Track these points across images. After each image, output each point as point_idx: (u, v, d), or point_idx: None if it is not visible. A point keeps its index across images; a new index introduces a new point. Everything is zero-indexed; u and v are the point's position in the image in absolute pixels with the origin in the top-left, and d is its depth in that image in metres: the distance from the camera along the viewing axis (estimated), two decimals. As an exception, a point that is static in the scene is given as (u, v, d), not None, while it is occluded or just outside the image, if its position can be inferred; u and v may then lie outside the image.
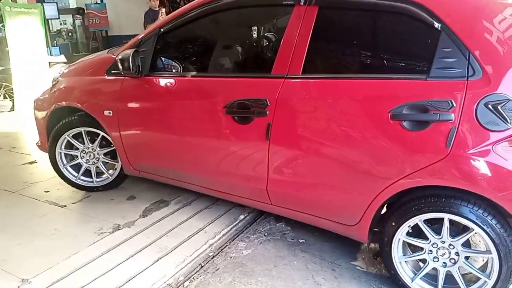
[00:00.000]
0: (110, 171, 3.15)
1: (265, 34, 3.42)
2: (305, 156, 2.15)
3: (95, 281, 2.11)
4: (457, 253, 1.87)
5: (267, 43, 3.38)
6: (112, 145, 2.96)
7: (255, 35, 3.36)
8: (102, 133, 2.95)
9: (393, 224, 1.96)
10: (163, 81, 2.60)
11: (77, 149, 3.11)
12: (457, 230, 1.87)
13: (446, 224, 1.83)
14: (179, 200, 3.05)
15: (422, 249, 1.96)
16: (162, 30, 2.58)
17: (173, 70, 2.66)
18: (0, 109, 6.72)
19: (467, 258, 1.88)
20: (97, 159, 3.10)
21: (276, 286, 2.14)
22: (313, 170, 2.14)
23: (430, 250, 1.93)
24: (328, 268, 2.30)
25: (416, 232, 1.96)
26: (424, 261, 1.98)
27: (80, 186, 3.22)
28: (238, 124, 2.25)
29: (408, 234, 1.97)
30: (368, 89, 1.94)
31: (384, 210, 2.08)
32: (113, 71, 2.75)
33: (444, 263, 1.91)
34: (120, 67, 2.55)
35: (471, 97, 1.68)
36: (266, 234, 2.67)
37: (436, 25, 1.77)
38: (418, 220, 1.89)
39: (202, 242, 2.52)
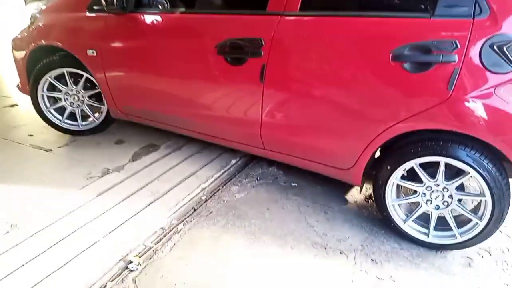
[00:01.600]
0: (96, 115, 3.05)
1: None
2: (300, 99, 2.08)
3: (85, 225, 2.09)
4: (450, 196, 1.89)
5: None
6: (97, 87, 2.84)
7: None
8: (86, 75, 2.82)
9: (388, 167, 1.95)
10: (149, 18, 2.43)
11: (60, 91, 2.98)
12: (451, 173, 1.88)
13: (442, 167, 1.83)
14: (169, 145, 3.00)
15: (415, 192, 1.98)
16: None
17: (159, 6, 2.49)
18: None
19: (459, 200, 1.90)
20: (82, 101, 2.98)
21: (269, 228, 2.16)
22: (308, 114, 2.08)
23: (424, 193, 1.94)
24: (321, 211, 2.32)
25: (410, 175, 1.96)
26: (417, 204, 2.01)
27: (65, 130, 3.12)
28: (230, 66, 2.15)
29: (402, 177, 1.97)
30: (369, 28, 1.84)
31: (378, 153, 2.07)
32: (95, 7, 2.57)
33: (437, 205, 1.93)
34: (103, 2, 2.38)
35: (477, 38, 1.61)
36: (258, 178, 2.66)
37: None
38: (414, 163, 1.88)
39: (194, 186, 2.50)
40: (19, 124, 3.40)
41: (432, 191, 1.92)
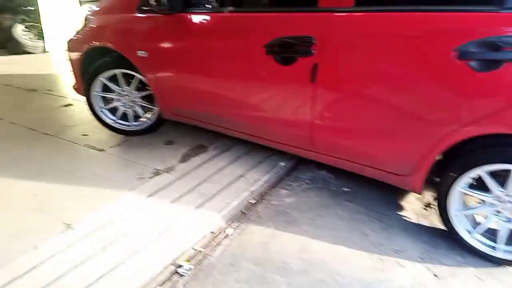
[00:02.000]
0: (148, 115, 3.07)
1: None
2: (355, 100, 1.97)
3: (135, 228, 2.09)
4: (522, 208, 1.72)
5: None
6: (148, 88, 2.86)
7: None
8: (138, 76, 2.84)
9: (453, 174, 1.81)
10: (198, 18, 2.41)
11: (113, 91, 3.03)
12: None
13: (514, 176, 1.67)
14: (217, 146, 2.98)
15: (483, 202, 1.82)
16: None
17: (208, 6, 2.46)
18: (33, 50, 6.71)
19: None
20: (134, 102, 3.02)
21: (321, 236, 2.07)
22: (362, 115, 1.98)
23: (492, 204, 1.79)
24: (375, 218, 2.21)
25: (479, 184, 1.80)
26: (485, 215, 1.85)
27: (118, 130, 3.18)
28: (280, 65, 2.09)
29: (470, 186, 1.82)
30: (430, 24, 1.71)
31: (442, 159, 1.92)
32: (144, 8, 2.58)
33: (508, 218, 1.77)
34: (153, 2, 2.38)
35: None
36: (308, 182, 2.58)
37: None
38: (482, 171, 1.73)
39: (242, 188, 2.46)
40: (74, 124, 3.51)
41: (502, 202, 1.76)
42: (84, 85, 3.08)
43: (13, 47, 6.74)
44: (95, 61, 2.94)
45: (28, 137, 3.26)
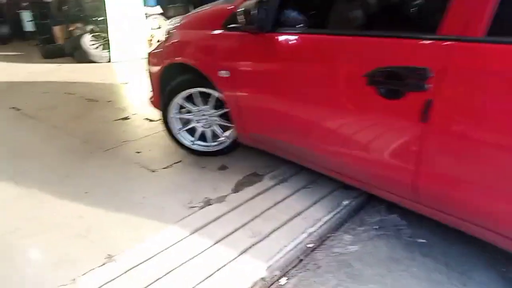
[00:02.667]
0: (227, 133, 2.92)
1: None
2: (477, 147, 1.60)
3: (181, 266, 1.90)
4: None
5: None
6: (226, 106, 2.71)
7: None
8: (217, 94, 2.68)
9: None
10: (289, 39, 2.16)
11: (191, 111, 2.89)
12: None
13: None
14: (273, 175, 2.73)
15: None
16: None
17: (301, 27, 2.23)
18: (98, 60, 6.88)
19: None
20: (212, 121, 2.87)
21: (391, 298, 1.76)
22: (485, 167, 1.60)
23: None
24: (457, 281, 1.85)
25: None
26: None
27: (195, 151, 3.02)
28: (383, 99, 1.77)
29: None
30: None
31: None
32: (230, 26, 2.40)
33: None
34: (242, 20, 2.18)
35: None
36: (376, 227, 2.26)
37: None
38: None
39: (300, 229, 2.19)
40: (129, 139, 3.42)
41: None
42: (162, 103, 2.95)
43: (80, 56, 6.97)
44: (174, 77, 2.84)
45: (82, 150, 3.22)
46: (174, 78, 2.82)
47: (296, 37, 2.14)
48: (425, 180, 1.79)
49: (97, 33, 7.15)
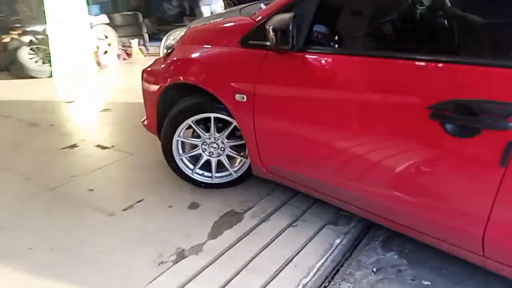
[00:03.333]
0: (235, 168, 2.56)
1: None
2: None
3: None
4: None
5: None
6: (239, 136, 2.39)
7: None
8: (234, 122, 2.33)
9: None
10: (323, 60, 1.86)
11: (199, 137, 2.51)
12: None
13: None
14: (254, 213, 2.40)
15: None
16: None
17: (340, 46, 1.95)
18: (38, 75, 6.22)
19: None
20: (222, 150, 2.50)
21: None
22: None
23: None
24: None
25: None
26: None
27: (194, 181, 2.64)
28: (451, 137, 1.49)
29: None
30: None
31: None
32: (251, 42, 2.07)
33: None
34: (273, 38, 1.84)
35: None
36: (374, 269, 1.99)
37: None
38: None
39: (292, 281, 1.88)
40: (79, 173, 2.95)
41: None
42: (165, 126, 2.54)
43: (17, 71, 6.27)
44: (175, 98, 2.50)
45: (23, 190, 2.72)
46: (175, 99, 2.51)
47: (333, 58, 1.84)
48: (496, 233, 1.53)
49: (36, 45, 6.48)
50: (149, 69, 2.73)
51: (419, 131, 1.59)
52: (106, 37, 7.26)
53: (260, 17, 2.06)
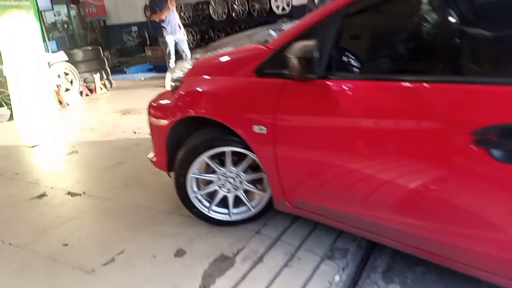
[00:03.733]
0: (253, 202, 2.43)
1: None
2: None
3: None
4: None
5: None
6: (260, 170, 2.25)
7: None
8: (252, 155, 2.21)
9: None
10: (351, 87, 1.76)
11: (214, 172, 2.36)
12: None
13: None
14: (245, 255, 2.25)
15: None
16: (350, 8, 1.76)
17: (369, 71, 1.85)
18: (-2, 119, 5.91)
19: None
20: (239, 184, 2.37)
21: None
22: None
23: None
24: None
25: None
26: None
27: (211, 220, 2.49)
28: (499, 163, 1.41)
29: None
30: None
31: None
32: (267, 70, 1.98)
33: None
34: (296, 66, 1.75)
35: None
36: (380, 307, 1.90)
37: None
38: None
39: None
40: (50, 226, 2.73)
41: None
42: (177, 163, 2.39)
43: (-26, 116, 5.94)
44: (186, 133, 2.38)
45: (-12, 251, 2.48)
46: (186, 133, 2.40)
47: (361, 84, 1.76)
48: None
49: (-8, 88, 6.18)
50: (155, 103, 2.59)
51: (461, 158, 1.51)
52: (66, 74, 7.02)
53: (276, 45, 1.97)
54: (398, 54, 1.99)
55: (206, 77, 2.31)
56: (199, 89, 2.32)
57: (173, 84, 2.49)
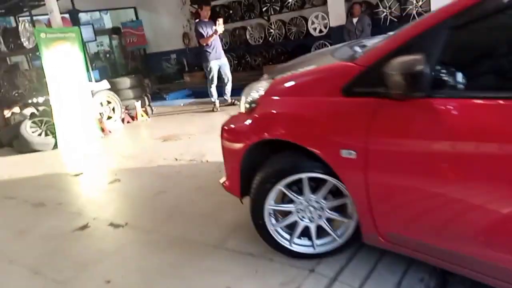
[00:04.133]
0: (339, 231, 2.24)
1: None
2: None
3: None
4: None
5: None
6: (343, 195, 2.09)
7: None
8: (332, 180, 2.05)
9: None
10: (460, 106, 1.57)
11: (292, 201, 2.21)
12: None
13: None
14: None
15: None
16: (459, 19, 1.58)
17: (484, 89, 1.63)
18: (42, 147, 6.03)
19: None
20: (321, 211, 2.20)
21: None
22: None
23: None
24: None
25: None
26: None
27: (293, 253, 2.30)
28: None
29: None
30: None
31: None
32: (357, 89, 1.81)
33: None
34: (400, 84, 1.57)
35: None
36: None
37: None
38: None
39: None
40: (93, 261, 2.63)
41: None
42: (252, 191, 2.27)
43: (20, 145, 6.08)
44: (260, 157, 2.25)
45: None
46: (261, 158, 2.27)
47: (473, 103, 1.55)
48: None
49: (38, 118, 6.34)
50: (228, 126, 2.47)
51: None
52: (109, 102, 7.15)
53: (368, 61, 1.79)
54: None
55: (286, 97, 2.17)
56: (278, 110, 2.17)
57: (248, 106, 2.35)
